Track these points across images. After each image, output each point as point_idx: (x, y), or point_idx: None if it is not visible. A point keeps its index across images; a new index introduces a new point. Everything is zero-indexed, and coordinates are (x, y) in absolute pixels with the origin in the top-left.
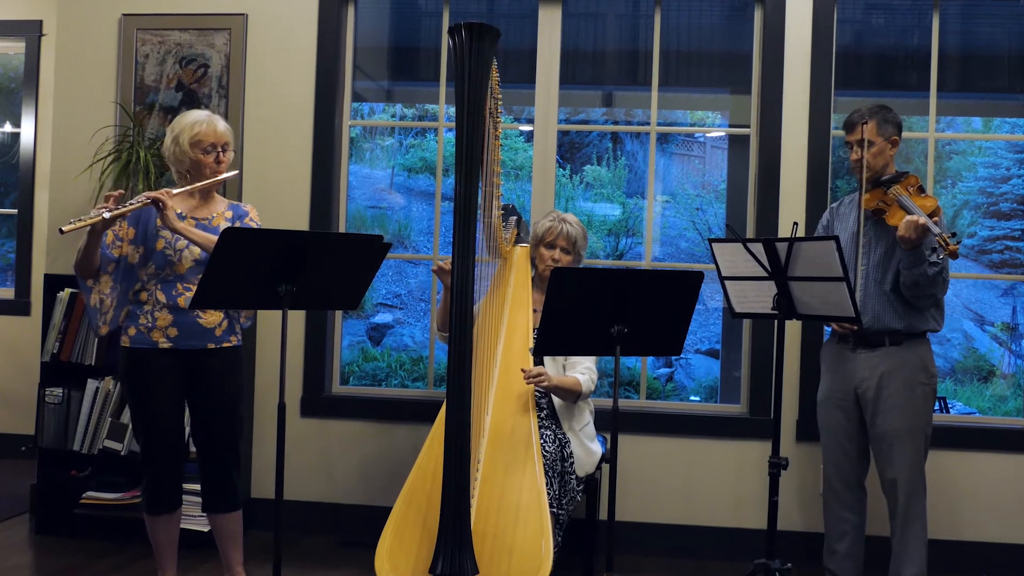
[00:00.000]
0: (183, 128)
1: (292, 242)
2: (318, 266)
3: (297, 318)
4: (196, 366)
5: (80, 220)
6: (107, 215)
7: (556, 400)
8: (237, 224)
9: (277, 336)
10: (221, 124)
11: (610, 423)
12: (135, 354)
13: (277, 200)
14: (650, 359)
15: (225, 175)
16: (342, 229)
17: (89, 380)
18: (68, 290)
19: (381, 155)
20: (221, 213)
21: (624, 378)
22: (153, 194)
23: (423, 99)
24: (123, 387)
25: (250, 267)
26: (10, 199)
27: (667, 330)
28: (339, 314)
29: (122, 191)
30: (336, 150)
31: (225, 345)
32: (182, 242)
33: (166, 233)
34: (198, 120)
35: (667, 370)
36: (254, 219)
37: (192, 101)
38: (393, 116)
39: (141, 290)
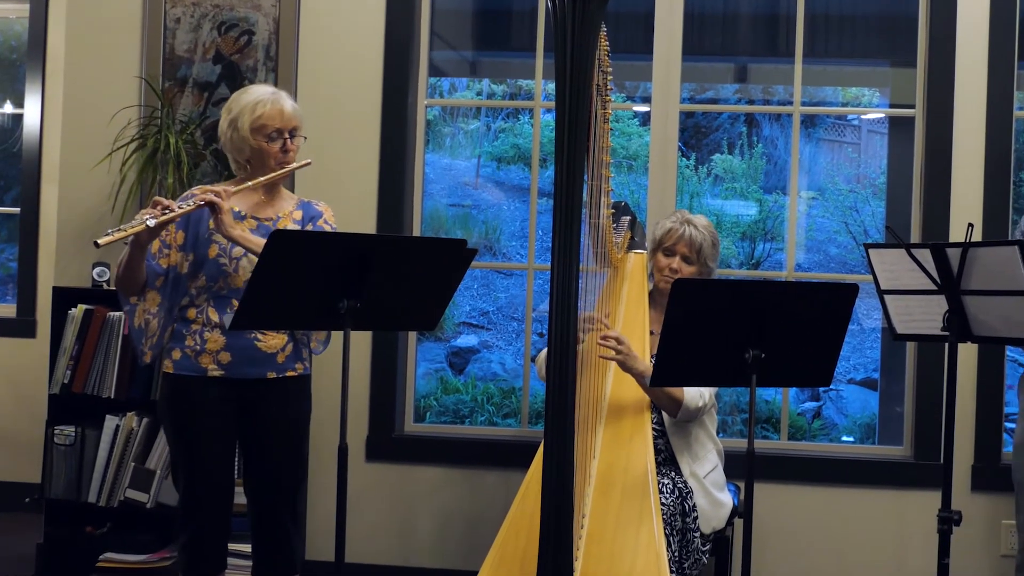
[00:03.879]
0: (242, 109)
1: (356, 247)
2: (387, 277)
3: (362, 341)
4: (252, 399)
5: (120, 229)
6: (152, 222)
7: (675, 441)
8: (310, 227)
9: (336, 363)
10: (289, 104)
11: (744, 469)
12: (179, 382)
13: (337, 197)
14: (793, 391)
15: (294, 166)
16: (417, 232)
17: (107, 416)
18: (82, 306)
19: (464, 142)
20: (289, 213)
21: (761, 414)
22: (208, 195)
23: (516, 73)
24: (163, 422)
25: (304, 278)
26: (11, 195)
27: (814, 355)
28: (413, 336)
29: (173, 202)
30: (409, 136)
31: (289, 374)
32: (239, 249)
33: (220, 237)
34: (261, 99)
35: (814, 404)
36: (329, 221)
37: (233, 76)
38: (479, 94)
39: (189, 306)
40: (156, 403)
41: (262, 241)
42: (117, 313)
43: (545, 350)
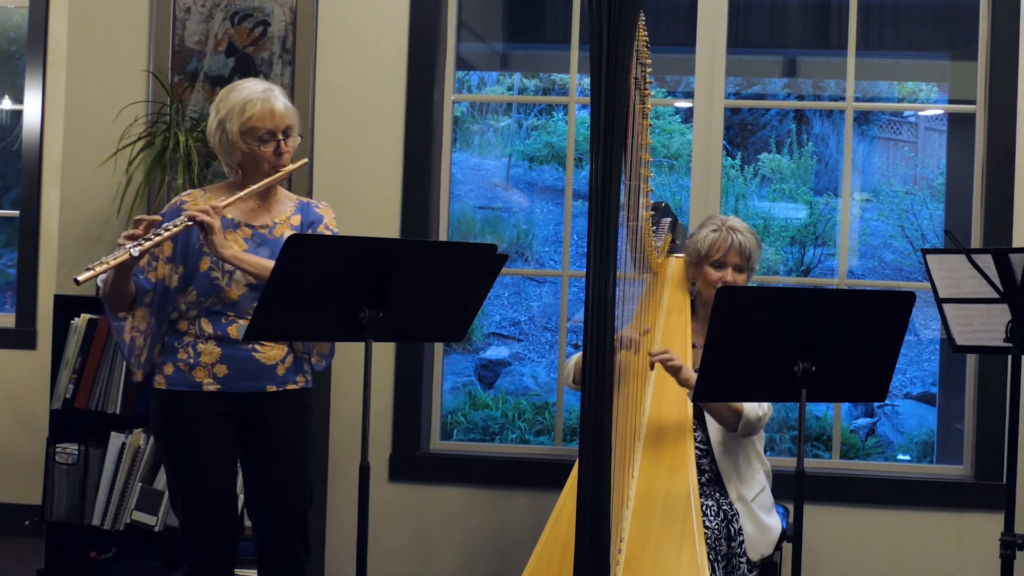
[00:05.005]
0: (231, 110)
1: (378, 253)
2: (412, 285)
3: (385, 353)
4: (252, 415)
5: (102, 262)
6: (136, 251)
7: (721, 460)
8: (309, 232)
9: (358, 376)
10: (280, 102)
11: (793, 490)
12: (172, 399)
13: (359, 199)
14: (845, 406)
15: (289, 169)
16: (443, 236)
17: (113, 434)
18: (85, 316)
19: (494, 140)
20: (287, 218)
21: (811, 431)
22: (198, 214)
23: (549, 67)
24: (157, 443)
25: (323, 285)
26: (10, 197)
27: (867, 368)
28: (439, 348)
29: (158, 216)
30: (436, 133)
31: (290, 387)
32: None
33: None
34: (250, 99)
35: (867, 420)
36: (330, 226)
37: (247, 69)
38: (510, 89)
39: (180, 318)
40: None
41: (257, 260)
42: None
43: (575, 357)
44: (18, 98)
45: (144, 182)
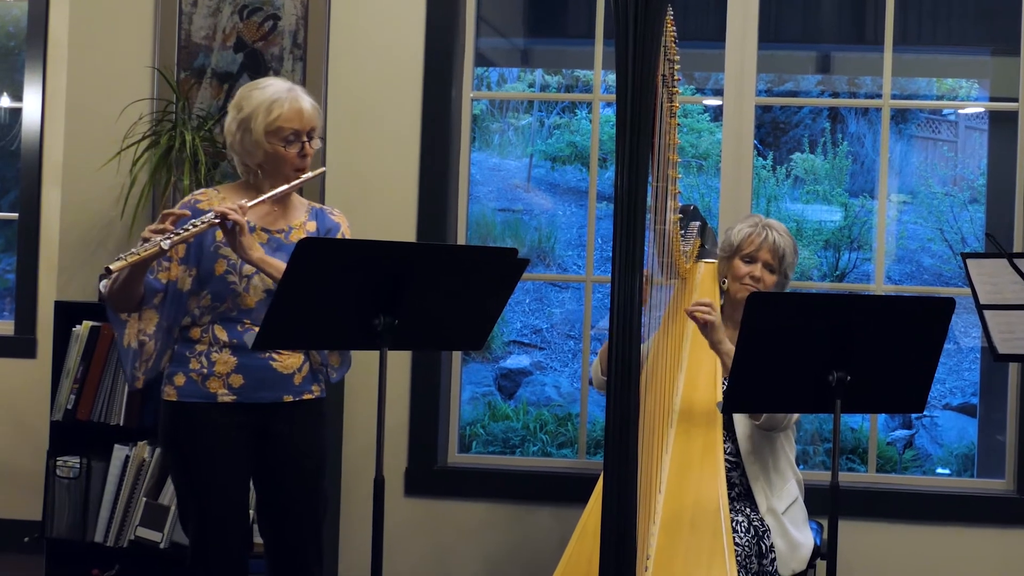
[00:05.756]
0: (256, 108)
1: (393, 257)
2: (429, 290)
3: (400, 362)
4: (266, 425)
5: (133, 253)
6: (166, 244)
7: (752, 471)
8: None
9: (372, 387)
10: (307, 101)
11: (827, 504)
12: (184, 411)
13: (373, 201)
14: (882, 418)
15: (311, 175)
16: (462, 240)
17: (116, 446)
18: (87, 323)
19: (515, 139)
20: (302, 224)
21: (846, 444)
22: (229, 212)
23: (572, 62)
24: (166, 456)
25: (336, 291)
26: (8, 198)
27: (905, 378)
28: (457, 357)
29: (187, 211)
30: (454, 132)
31: (306, 397)
32: (249, 266)
33: (229, 251)
34: (277, 98)
35: (905, 432)
36: (346, 234)
37: (257, 65)
38: (531, 86)
39: (192, 325)
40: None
41: (284, 266)
42: None
43: (604, 346)
44: (17, 95)
45: (149, 183)
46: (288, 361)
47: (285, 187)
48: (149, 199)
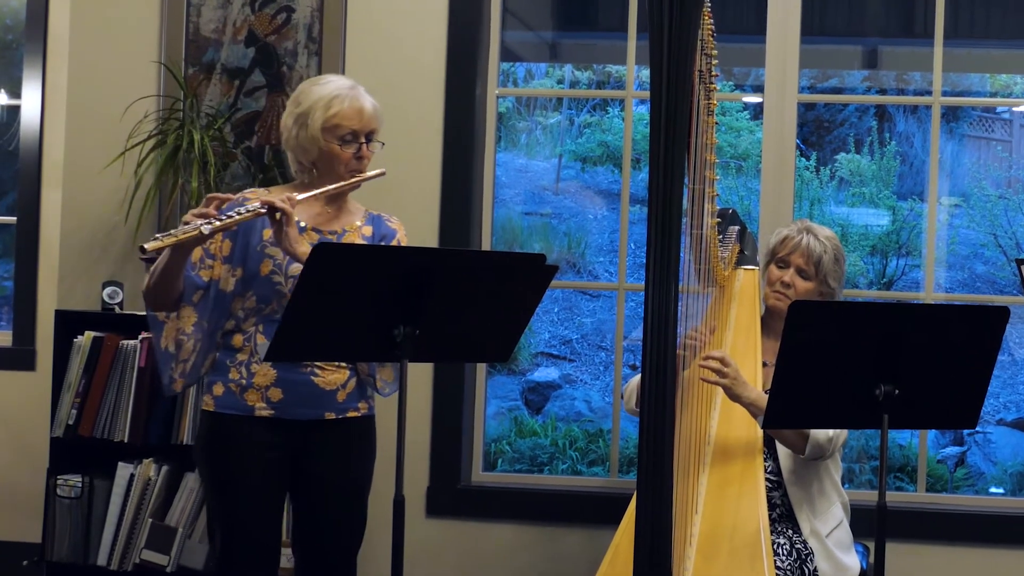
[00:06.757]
0: (314, 103)
1: (414, 263)
2: (452, 299)
3: (422, 374)
4: (306, 444)
5: (170, 234)
6: (207, 229)
7: (794, 493)
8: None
9: (392, 401)
10: (368, 101)
11: (874, 526)
12: (221, 422)
13: (393, 203)
14: (932, 434)
15: (367, 175)
16: (486, 245)
17: (120, 464)
18: (89, 333)
19: (543, 138)
20: (357, 228)
21: (894, 461)
22: (276, 200)
23: (603, 57)
24: (200, 468)
25: (353, 300)
26: (6, 202)
27: (956, 392)
28: (482, 369)
29: (231, 196)
30: (478, 131)
31: (351, 415)
32: (296, 266)
33: (275, 251)
34: (337, 94)
35: (957, 449)
36: (402, 243)
37: (269, 60)
38: (560, 82)
39: (235, 331)
40: (182, 447)
41: None
42: (131, 342)
43: (636, 378)
44: (15, 92)
45: (155, 185)
46: (331, 376)
47: (339, 184)
48: (155, 202)
